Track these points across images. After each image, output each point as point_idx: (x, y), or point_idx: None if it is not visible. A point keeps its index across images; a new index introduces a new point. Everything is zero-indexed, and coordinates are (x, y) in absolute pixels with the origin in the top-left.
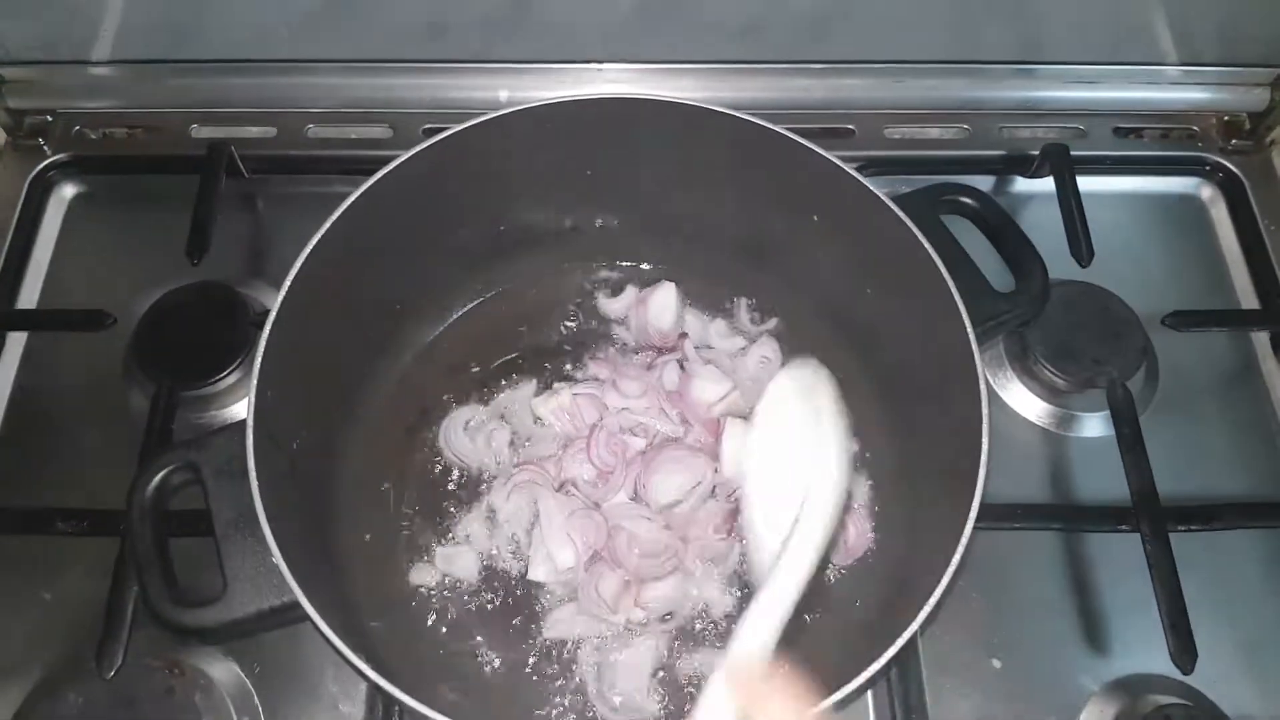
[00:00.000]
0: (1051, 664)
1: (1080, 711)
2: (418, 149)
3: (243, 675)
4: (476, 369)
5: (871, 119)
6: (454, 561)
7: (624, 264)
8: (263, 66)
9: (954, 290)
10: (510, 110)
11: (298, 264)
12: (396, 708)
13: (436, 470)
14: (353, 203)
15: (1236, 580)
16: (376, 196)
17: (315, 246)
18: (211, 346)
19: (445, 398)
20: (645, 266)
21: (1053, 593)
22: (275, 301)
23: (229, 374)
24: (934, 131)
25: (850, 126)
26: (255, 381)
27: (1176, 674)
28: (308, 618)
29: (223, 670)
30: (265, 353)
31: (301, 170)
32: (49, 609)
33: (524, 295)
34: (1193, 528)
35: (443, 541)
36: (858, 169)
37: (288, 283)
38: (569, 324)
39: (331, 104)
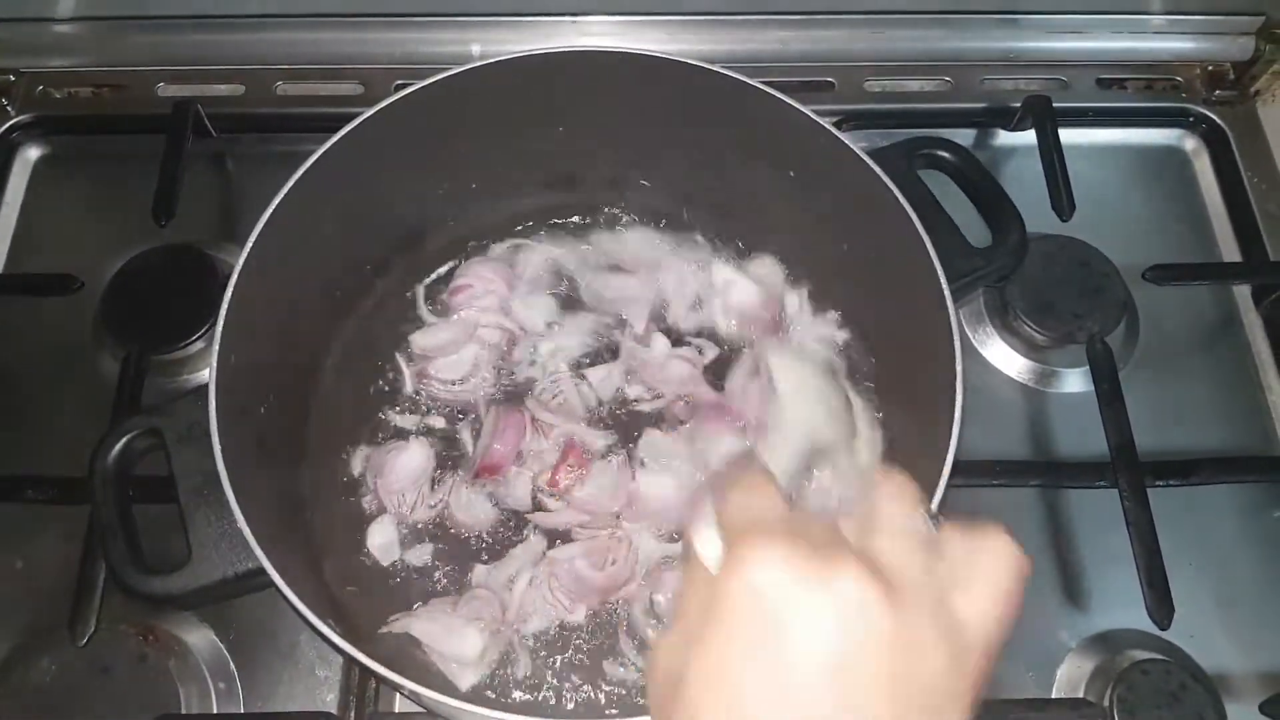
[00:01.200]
0: (1029, 620)
1: (1058, 667)
2: (383, 104)
3: (218, 641)
4: None
5: (851, 71)
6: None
7: (600, 218)
8: (230, 23)
9: (929, 246)
10: (479, 64)
11: (259, 225)
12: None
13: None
14: (317, 160)
15: (1214, 535)
16: (342, 154)
17: (278, 206)
18: (181, 310)
19: None
20: (620, 220)
21: (1031, 549)
22: (237, 263)
23: (198, 338)
24: (915, 84)
25: (830, 79)
26: (218, 346)
27: (1154, 629)
28: (273, 584)
29: (197, 636)
30: (227, 317)
31: (271, 129)
32: (20, 577)
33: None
34: (1171, 483)
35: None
36: (837, 123)
37: (249, 244)
38: None
39: (301, 60)
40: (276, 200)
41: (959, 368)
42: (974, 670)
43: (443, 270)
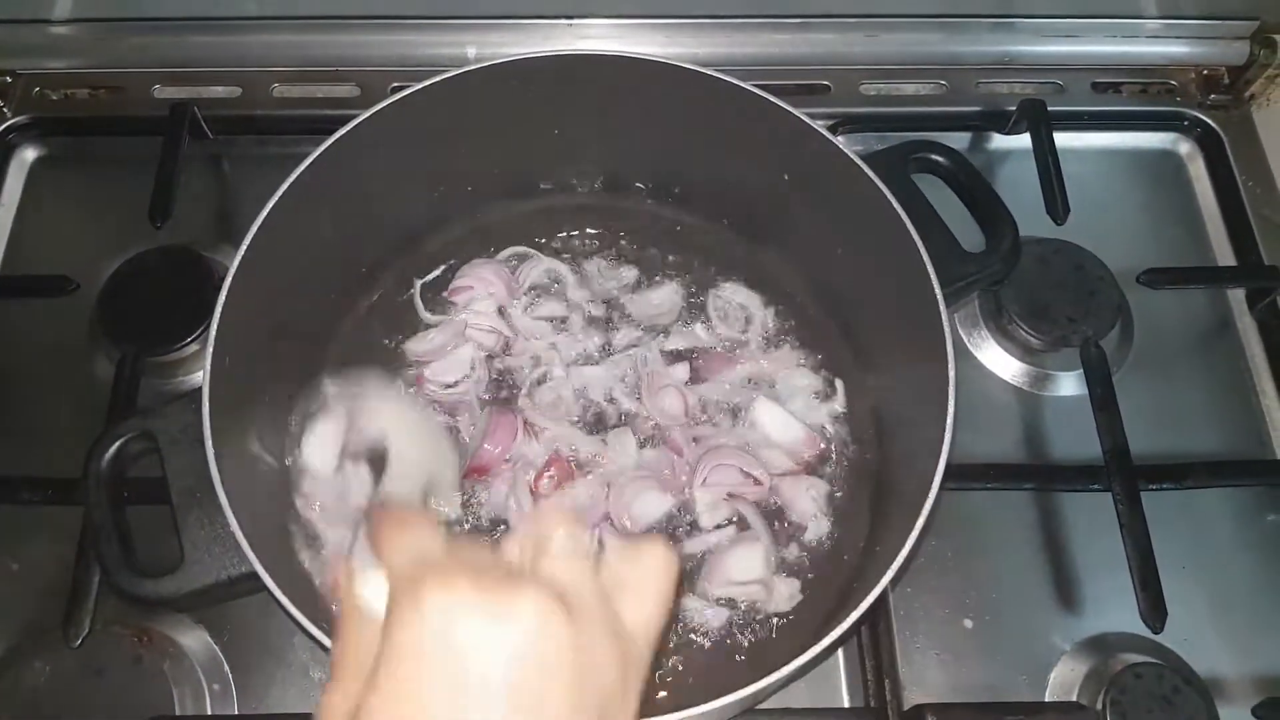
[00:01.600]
0: (1023, 623)
1: (1051, 670)
2: (379, 107)
3: (212, 642)
4: None
5: (847, 75)
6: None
7: (590, 230)
8: (227, 24)
9: (922, 250)
10: (476, 67)
11: (254, 227)
12: None
13: None
14: (312, 162)
15: (1208, 539)
16: (338, 156)
17: (273, 208)
18: (176, 312)
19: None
20: (611, 228)
21: (1025, 552)
22: (231, 266)
23: (194, 340)
24: (910, 87)
25: (825, 82)
26: (211, 349)
27: (1147, 632)
28: (266, 588)
29: (192, 638)
30: (221, 319)
31: (267, 131)
32: (15, 578)
33: None
34: (1165, 486)
35: None
36: (832, 126)
37: (244, 246)
38: None
39: (297, 62)
40: (271, 202)
41: (951, 372)
42: (641, 669)
43: (439, 273)
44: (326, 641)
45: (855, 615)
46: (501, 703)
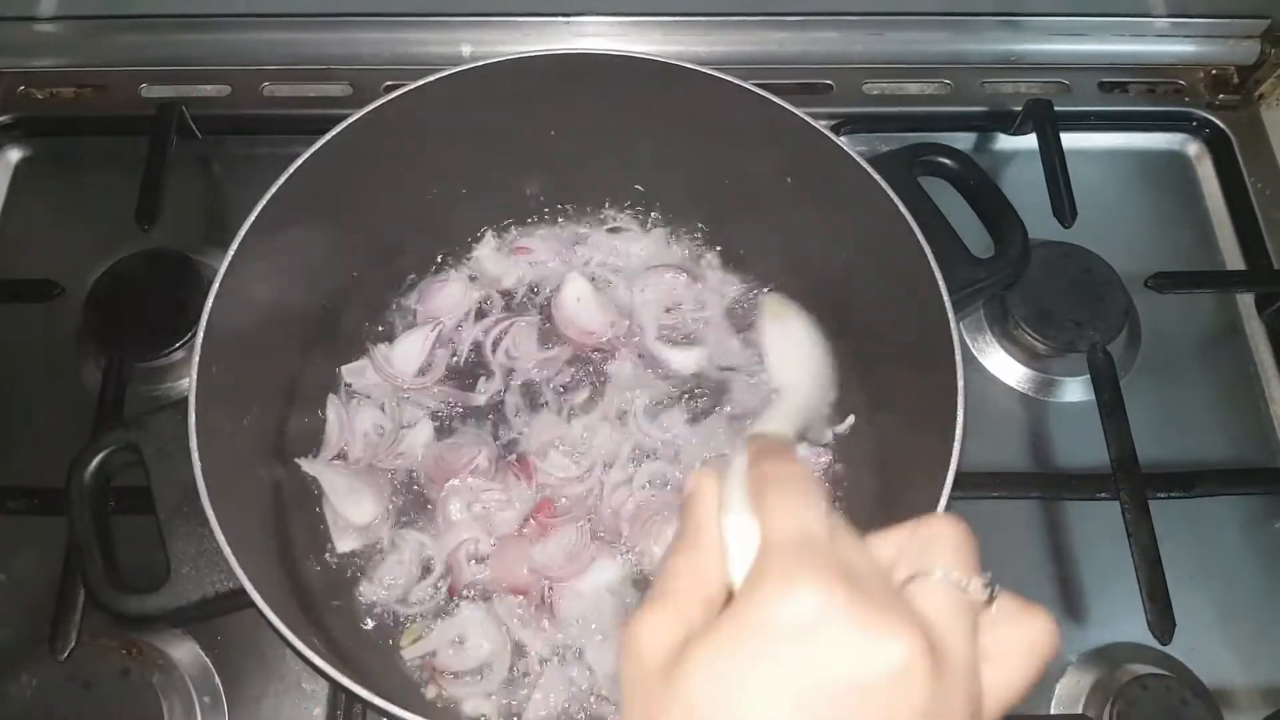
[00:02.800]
0: None
1: (1057, 681)
2: (372, 106)
3: (202, 654)
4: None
5: (850, 74)
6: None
7: (593, 225)
8: (215, 22)
9: (930, 257)
10: (470, 66)
11: (242, 230)
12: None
13: None
14: (304, 163)
15: (1216, 548)
16: (330, 157)
17: (263, 211)
18: (164, 317)
19: None
20: (613, 227)
21: (1030, 561)
22: (219, 271)
23: (182, 345)
24: (914, 87)
25: (828, 82)
26: (198, 358)
27: (1155, 643)
28: (254, 604)
29: (182, 650)
30: (208, 326)
31: (257, 130)
32: (2, 590)
33: None
34: (1173, 495)
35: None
36: (835, 126)
37: (232, 250)
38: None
39: (288, 61)
40: (261, 204)
41: (960, 382)
42: None
43: (432, 276)
44: (316, 660)
45: None
46: None
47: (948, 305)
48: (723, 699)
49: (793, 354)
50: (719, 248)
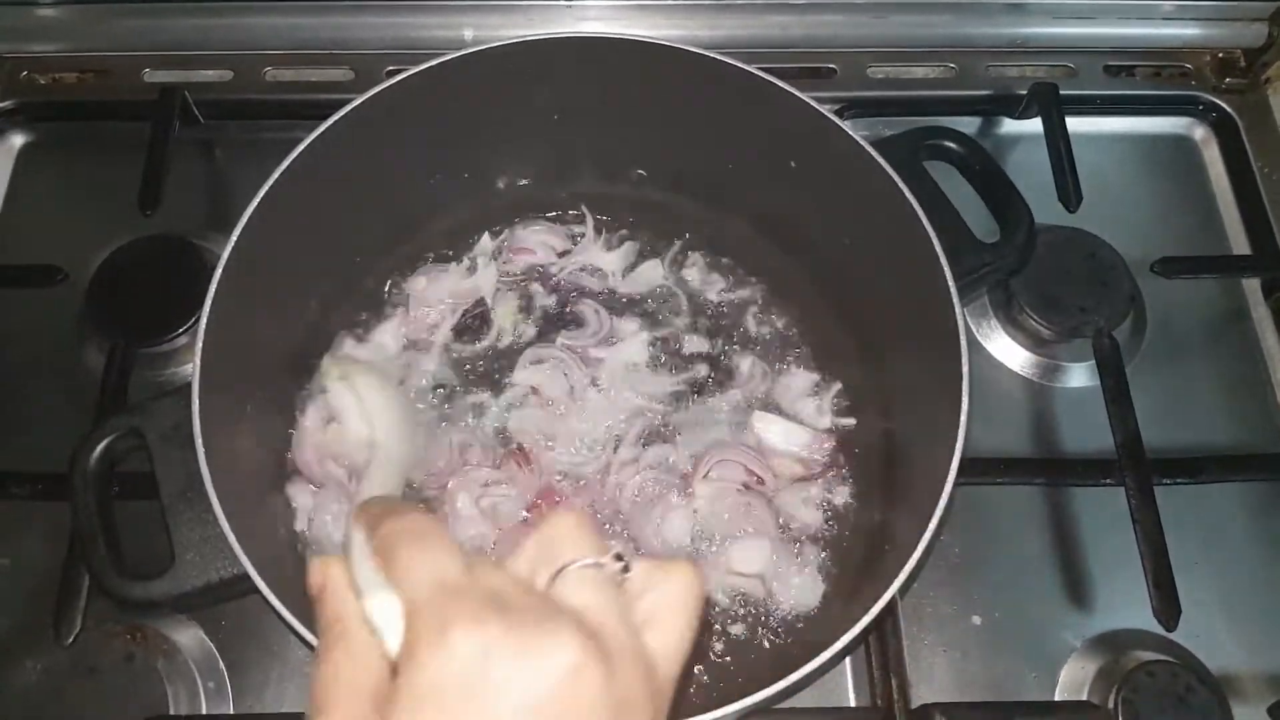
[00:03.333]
0: (1033, 620)
1: (1061, 668)
2: (374, 91)
3: (207, 639)
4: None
5: (854, 58)
6: None
7: (594, 210)
8: (218, 6)
9: (935, 241)
10: (473, 50)
11: (246, 215)
12: None
13: None
14: (306, 148)
15: (1222, 534)
16: (333, 141)
17: (266, 195)
18: (167, 302)
19: None
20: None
21: (1035, 547)
22: (222, 256)
23: (186, 330)
24: (919, 71)
25: (832, 66)
26: (201, 343)
27: (1160, 630)
28: (258, 590)
29: (186, 635)
30: (211, 312)
31: (260, 115)
32: (6, 574)
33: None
34: (1178, 481)
35: None
36: (839, 110)
37: (235, 234)
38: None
39: (290, 45)
40: (264, 189)
41: (965, 368)
42: (667, 699)
43: (435, 263)
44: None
45: (862, 624)
46: None
47: (953, 290)
48: None
49: (373, 411)
50: (720, 234)
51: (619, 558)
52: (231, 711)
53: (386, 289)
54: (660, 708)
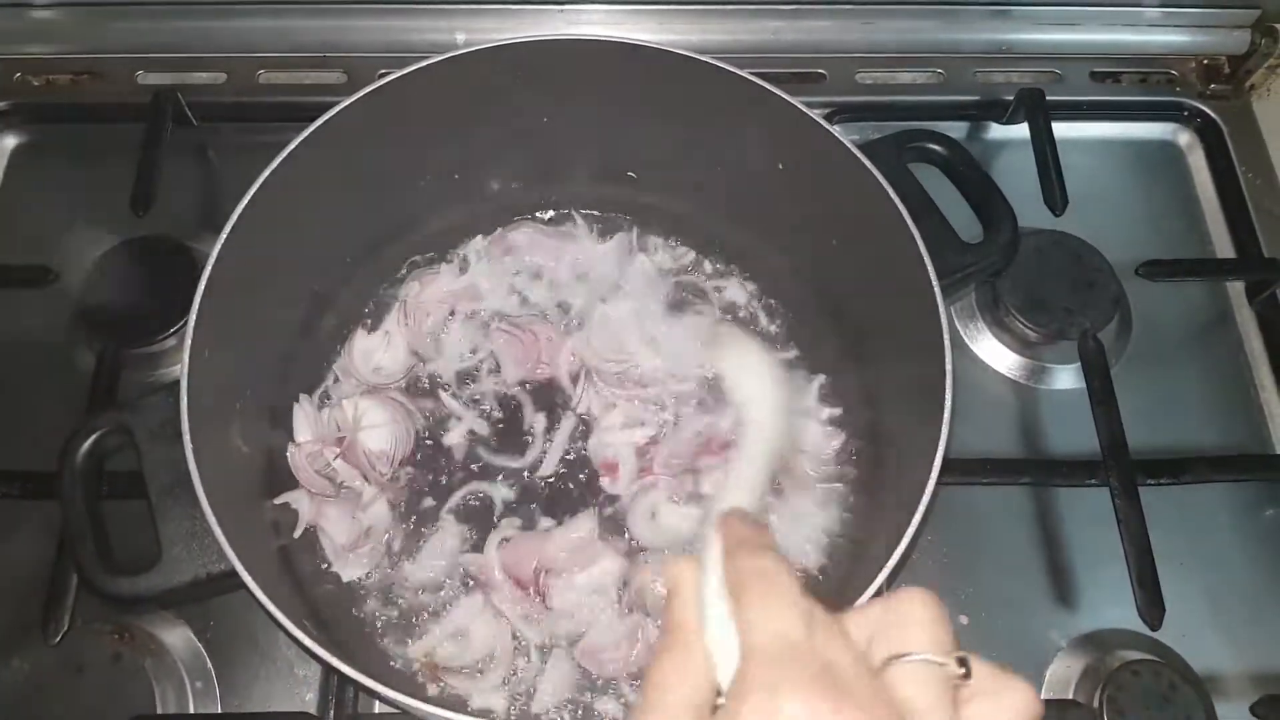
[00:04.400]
0: (1019, 619)
1: (1047, 667)
2: (364, 92)
3: (194, 639)
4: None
5: (843, 63)
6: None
7: (583, 211)
8: (212, 9)
9: (919, 242)
10: (462, 52)
11: (234, 215)
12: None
13: None
14: (295, 149)
15: (1206, 534)
16: (323, 143)
17: (255, 196)
18: (158, 303)
19: None
20: (602, 214)
21: (1021, 547)
22: (210, 257)
23: (176, 331)
24: (907, 76)
25: (821, 71)
26: (190, 341)
27: (1144, 629)
28: (245, 586)
29: (174, 634)
30: (200, 311)
31: (253, 118)
32: None
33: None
34: (1163, 481)
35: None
36: (828, 114)
37: (224, 235)
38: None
39: (284, 48)
40: (253, 189)
41: (948, 366)
42: None
43: (422, 268)
44: (306, 640)
45: None
46: None
47: (936, 290)
48: None
49: (755, 389)
50: (708, 234)
51: (962, 662)
52: (219, 710)
53: (380, 290)
54: None
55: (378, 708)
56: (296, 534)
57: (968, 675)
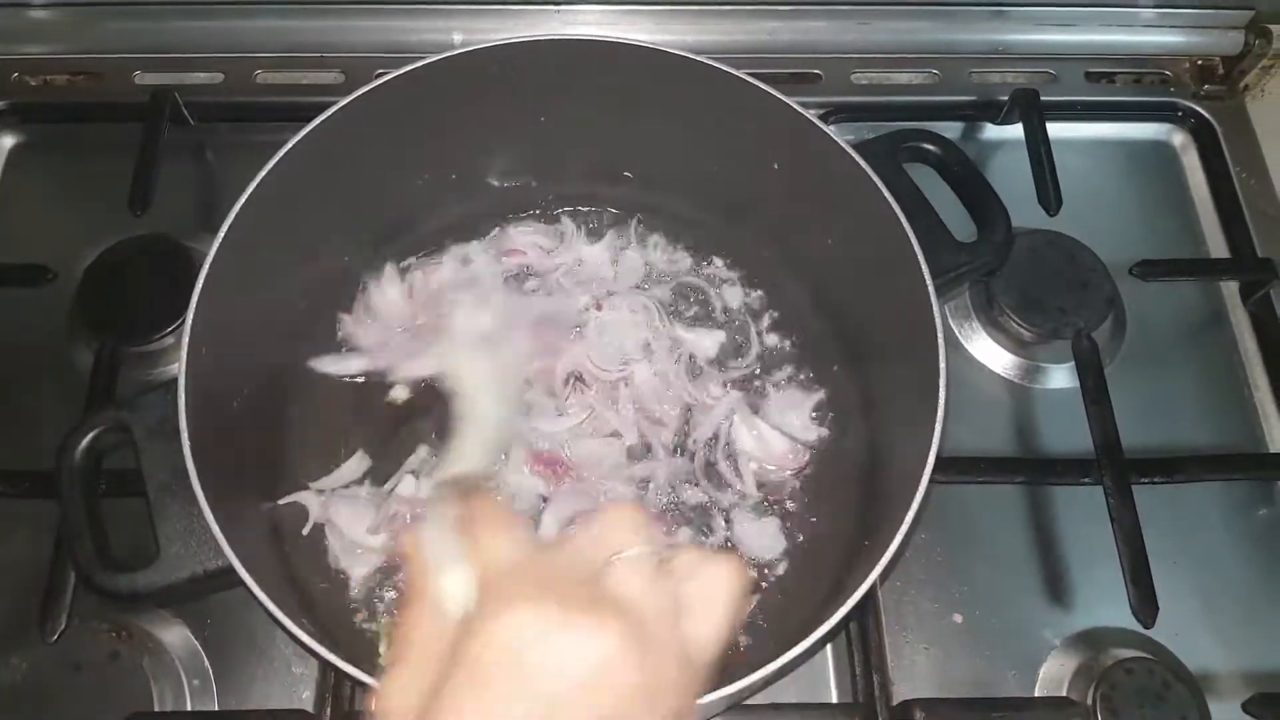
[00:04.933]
0: (1013, 618)
1: (1040, 665)
2: (360, 91)
3: (192, 637)
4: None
5: (839, 63)
6: None
7: (582, 209)
8: (209, 9)
9: (913, 240)
10: (458, 51)
11: (231, 214)
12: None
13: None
14: (293, 148)
15: (1199, 533)
16: (320, 142)
17: (252, 195)
18: (156, 302)
19: None
20: (599, 214)
21: (1015, 546)
22: (208, 255)
23: (174, 330)
24: (903, 76)
25: (817, 71)
26: (187, 339)
27: (1138, 627)
28: (243, 582)
29: (171, 632)
30: (197, 309)
31: (250, 118)
32: None
33: None
34: (1156, 480)
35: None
36: (824, 115)
37: (221, 234)
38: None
39: (281, 48)
40: (250, 189)
41: (942, 364)
42: (697, 689)
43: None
44: (303, 637)
45: (841, 613)
46: None
47: (930, 289)
48: None
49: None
50: (705, 234)
51: (665, 551)
52: (216, 708)
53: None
54: (690, 693)
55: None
56: (305, 531)
57: (671, 558)
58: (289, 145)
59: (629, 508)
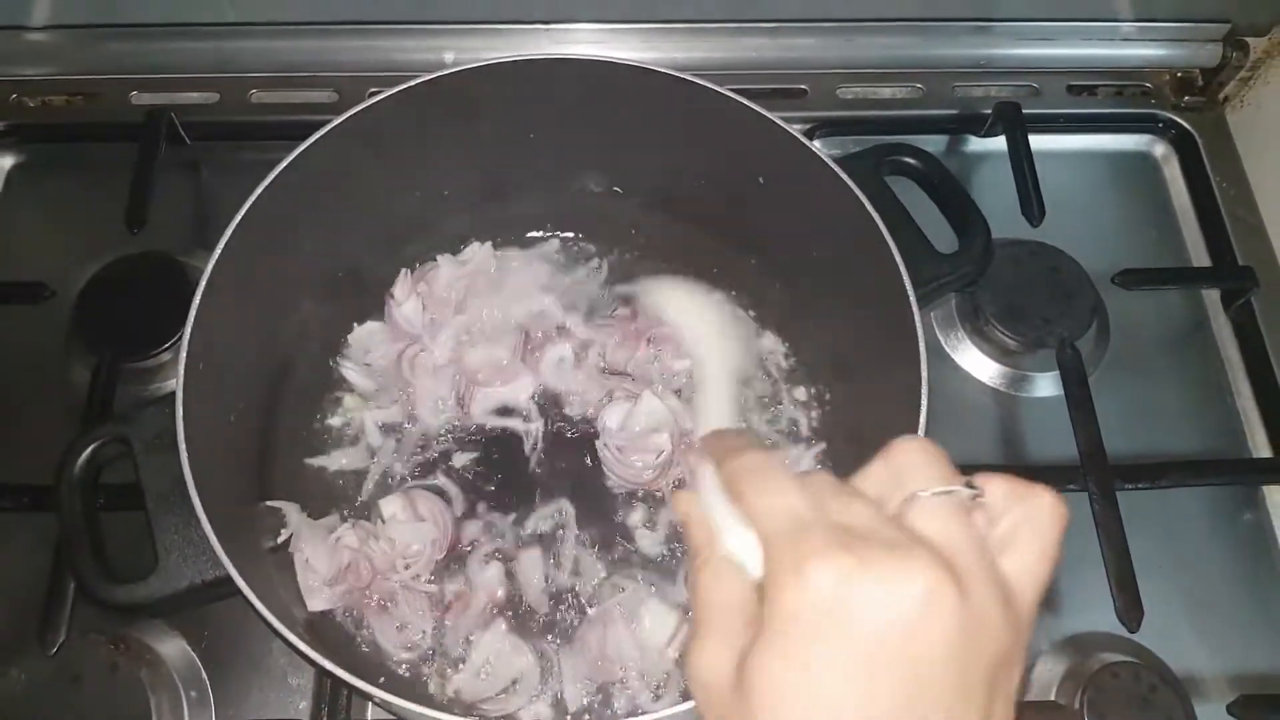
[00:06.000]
0: None
1: (1030, 670)
2: (354, 110)
3: (189, 649)
4: None
5: (824, 79)
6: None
7: (565, 234)
8: (204, 30)
9: (895, 252)
10: (451, 71)
11: (228, 232)
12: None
13: None
14: (287, 166)
15: (1183, 538)
16: (313, 160)
17: (247, 213)
18: (153, 318)
19: None
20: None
21: None
22: (204, 271)
23: (171, 345)
24: (887, 91)
25: (803, 86)
26: (184, 354)
27: (1124, 631)
28: (240, 593)
29: (169, 644)
30: (194, 324)
31: (245, 137)
32: None
33: None
34: (1140, 486)
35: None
36: (809, 130)
37: (217, 251)
38: None
39: (275, 68)
40: (246, 206)
41: (924, 373)
42: (1027, 630)
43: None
44: (301, 646)
45: None
46: (890, 677)
47: (912, 300)
48: (795, 697)
49: (695, 323)
50: (690, 248)
51: (971, 485)
52: None
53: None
54: (1020, 631)
55: (370, 714)
56: (279, 539)
57: (980, 495)
58: (284, 163)
59: (918, 441)
